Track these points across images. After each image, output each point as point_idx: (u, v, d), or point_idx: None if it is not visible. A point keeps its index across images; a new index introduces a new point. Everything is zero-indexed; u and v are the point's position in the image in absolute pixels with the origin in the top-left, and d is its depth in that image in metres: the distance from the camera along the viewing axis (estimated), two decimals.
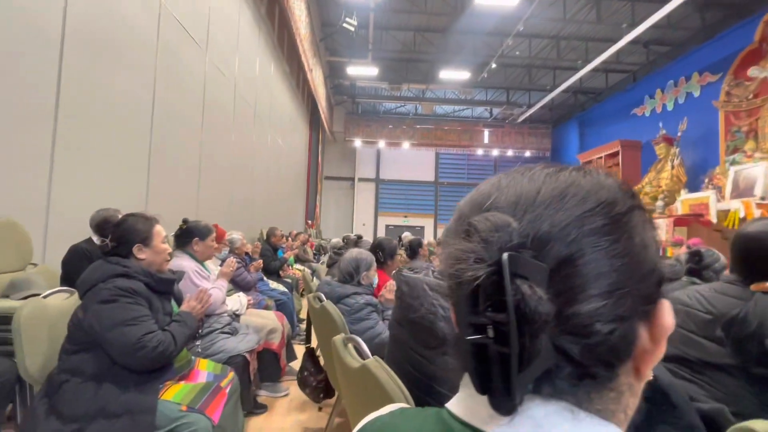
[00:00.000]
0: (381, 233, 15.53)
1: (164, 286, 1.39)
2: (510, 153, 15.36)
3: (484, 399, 0.30)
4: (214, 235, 2.35)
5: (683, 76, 8.43)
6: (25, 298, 1.83)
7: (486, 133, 15.03)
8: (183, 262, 2.04)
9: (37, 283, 1.95)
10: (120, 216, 2.38)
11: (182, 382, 1.42)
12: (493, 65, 9.72)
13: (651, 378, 0.32)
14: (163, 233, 1.45)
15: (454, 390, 1.02)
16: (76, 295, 1.40)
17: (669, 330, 0.31)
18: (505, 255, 0.28)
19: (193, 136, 4.23)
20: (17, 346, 1.29)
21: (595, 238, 0.30)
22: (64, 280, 2.11)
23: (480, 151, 15.18)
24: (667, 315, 0.31)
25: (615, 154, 9.49)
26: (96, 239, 2.24)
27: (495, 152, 15.27)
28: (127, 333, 1.21)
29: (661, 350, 0.31)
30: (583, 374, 0.30)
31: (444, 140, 14.71)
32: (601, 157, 9.80)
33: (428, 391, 0.98)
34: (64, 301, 1.49)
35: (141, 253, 1.38)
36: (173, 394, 1.33)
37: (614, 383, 0.30)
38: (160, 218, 1.49)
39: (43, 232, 2.39)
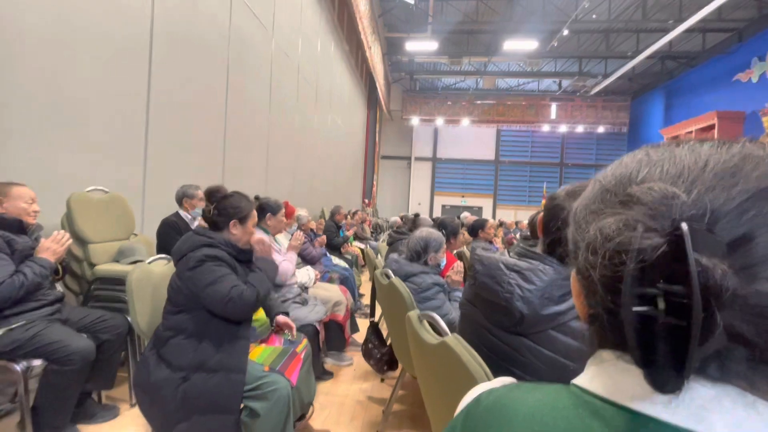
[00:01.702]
0: (437, 213, 15.39)
1: (244, 256, 1.52)
2: (580, 129, 14.16)
3: (633, 376, 0.30)
4: (284, 211, 2.47)
5: None
6: (132, 263, 2.11)
7: (553, 107, 13.96)
8: (262, 236, 2.18)
9: (140, 250, 2.23)
10: (200, 192, 2.63)
11: (263, 345, 1.56)
12: (565, 32, 8.88)
13: None
14: (255, 217, 1.60)
15: (535, 373, 0.98)
16: (172, 262, 1.57)
17: None
18: (685, 225, 0.27)
19: (262, 119, 4.45)
20: (130, 304, 1.50)
21: None
22: (159, 248, 2.39)
23: (546, 128, 14.20)
24: None
25: (709, 128, 8.31)
26: (196, 211, 2.50)
27: (563, 128, 14.18)
28: (218, 289, 1.33)
29: None
30: (760, 358, 0.28)
31: (506, 116, 14.04)
32: (690, 132, 8.66)
33: (502, 373, 0.97)
34: (164, 267, 1.69)
35: (235, 228, 1.51)
36: (257, 355, 1.46)
37: None
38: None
39: (141, 206, 2.72)
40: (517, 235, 6.65)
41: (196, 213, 2.58)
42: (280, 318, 1.68)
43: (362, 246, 6.53)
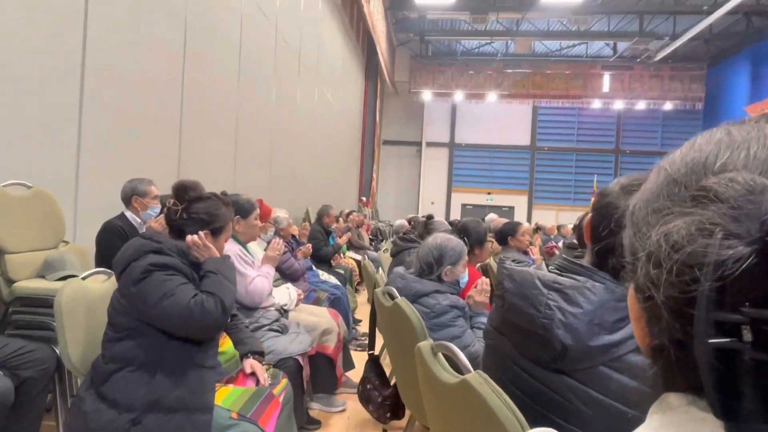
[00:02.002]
0: (455, 215, 15.50)
1: (198, 269, 1.55)
2: (641, 106, 14.18)
3: (711, 429, 0.29)
4: (257, 212, 2.49)
5: None
6: (62, 279, 2.10)
7: (606, 78, 14.00)
8: (227, 246, 2.20)
9: (72, 263, 2.22)
10: (154, 188, 2.64)
11: (231, 385, 1.57)
12: None
13: None
14: (231, 231, 1.65)
15: (581, 422, 0.98)
16: (113, 278, 1.57)
17: None
18: None
19: (229, 93, 4.48)
20: (59, 332, 1.49)
21: None
22: (99, 259, 2.40)
23: (596, 103, 14.26)
24: None
25: None
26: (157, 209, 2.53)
27: (619, 105, 14.22)
28: (174, 303, 1.37)
29: None
30: None
31: (545, 89, 14.12)
32: None
33: (539, 422, 0.97)
34: (104, 284, 1.70)
35: (206, 239, 1.56)
36: (222, 398, 1.46)
37: None
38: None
39: (73, 206, 2.72)
40: (560, 244, 6.66)
41: (148, 215, 2.59)
42: (248, 365, 1.68)
43: (358, 257, 6.57)
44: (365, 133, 12.65)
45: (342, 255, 5.98)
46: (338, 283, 4.38)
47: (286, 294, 2.72)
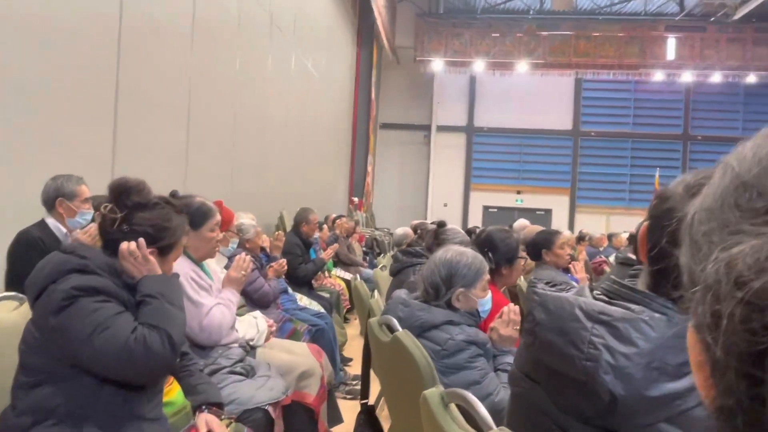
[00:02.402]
0: (475, 220, 15.57)
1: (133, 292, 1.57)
2: (716, 78, 14.25)
3: None
4: (216, 220, 2.50)
5: None
6: None
7: (671, 42, 14.09)
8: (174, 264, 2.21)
9: None
10: (85, 188, 2.64)
11: None
12: None
13: None
14: (182, 248, 1.68)
15: None
16: (27, 305, 1.58)
17: None
18: None
19: (178, 62, 4.50)
20: None
21: None
22: (10, 280, 2.41)
23: (659, 75, 14.36)
24: None
25: None
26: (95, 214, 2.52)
27: (687, 77, 14.30)
28: (106, 342, 1.37)
29: None
30: None
31: (591, 57, 14.23)
32: None
33: None
34: (14, 313, 1.70)
35: (146, 252, 1.56)
36: None
37: None
38: None
39: None
40: (611, 258, 6.68)
41: (77, 223, 2.59)
42: (203, 420, 1.68)
43: (348, 276, 6.58)
44: (357, 114, 12.69)
45: (327, 273, 5.99)
46: (322, 310, 4.38)
47: (254, 325, 2.73)
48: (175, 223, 1.63)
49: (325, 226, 6.91)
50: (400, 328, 1.77)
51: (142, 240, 1.55)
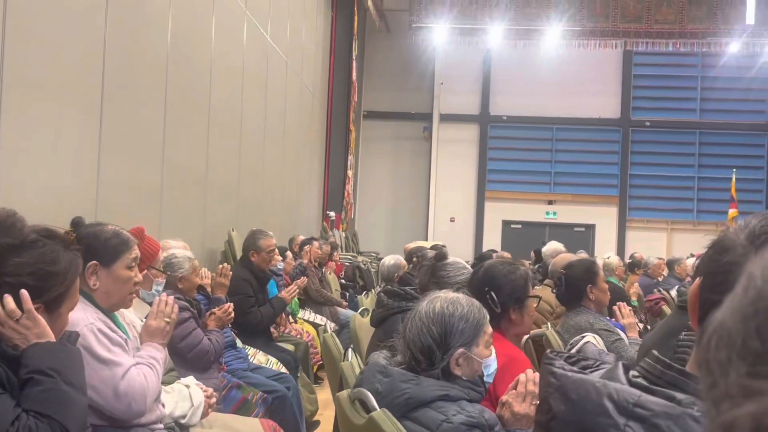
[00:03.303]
0: (492, 240, 15.63)
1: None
2: None
3: None
4: (134, 253, 2.48)
5: None
6: None
7: (750, 2, 14.13)
8: (73, 314, 2.19)
9: None
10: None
11: None
12: None
13: None
14: (77, 294, 1.72)
15: None
16: None
17: None
18: None
19: (87, 31, 4.49)
20: None
21: None
22: None
23: (734, 46, 14.46)
24: None
25: None
26: None
27: None
28: None
29: None
30: None
31: (644, 22, 14.40)
32: None
33: None
34: None
35: (32, 317, 1.56)
36: None
37: None
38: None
39: None
40: (672, 293, 6.66)
41: None
42: None
43: (320, 321, 6.52)
44: (333, 100, 12.74)
45: (291, 318, 5.95)
46: (283, 370, 4.35)
47: (186, 397, 2.70)
48: (64, 264, 1.62)
49: (288, 252, 6.87)
50: (377, 407, 1.76)
51: (25, 294, 1.54)
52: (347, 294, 8.47)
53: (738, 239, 0.96)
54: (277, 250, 5.60)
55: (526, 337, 3.20)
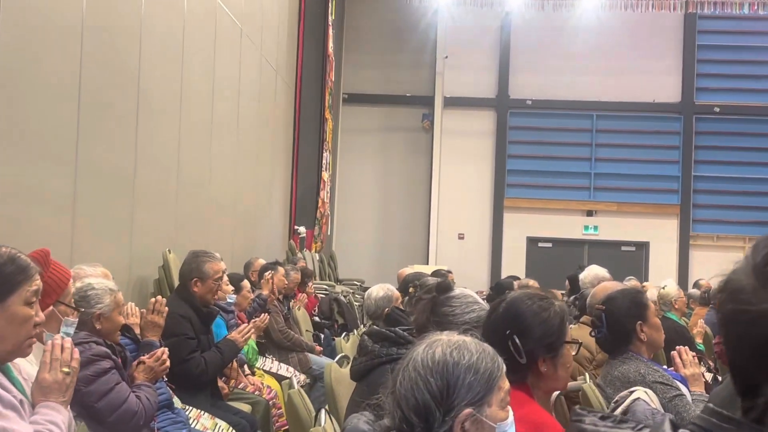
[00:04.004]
0: (513, 264, 15.76)
1: None
2: None
3: None
4: (33, 286, 2.46)
5: None
6: None
7: None
8: None
9: None
10: None
11: None
12: None
13: None
14: None
15: None
16: None
17: None
18: None
19: None
20: None
21: None
22: None
23: None
24: None
25: None
26: None
27: None
28: None
29: None
30: None
31: None
32: None
33: None
34: None
35: None
36: None
37: None
38: None
39: None
40: None
41: None
42: None
43: (286, 372, 6.44)
44: (303, 78, 12.77)
45: (246, 368, 5.91)
46: None
47: None
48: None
49: (245, 282, 6.84)
50: None
51: None
52: (322, 336, 8.45)
53: (745, 276, 1.00)
54: (226, 278, 5.55)
55: (556, 392, 3.17)
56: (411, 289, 5.76)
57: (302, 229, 12.36)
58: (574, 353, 2.82)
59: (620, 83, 15.72)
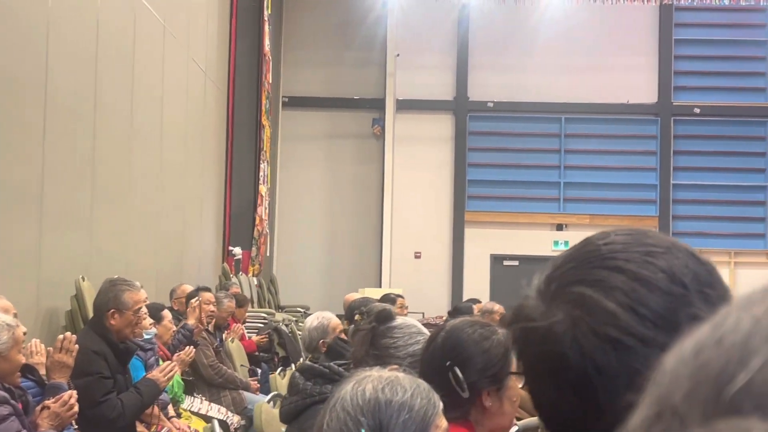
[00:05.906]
0: (476, 286, 15.94)
1: None
2: None
3: None
4: None
5: None
6: None
7: None
8: None
9: None
10: None
11: None
12: None
13: None
14: None
15: None
16: None
17: None
18: None
19: None
20: None
21: None
22: None
23: None
24: None
25: None
26: None
27: None
28: None
29: None
30: None
31: None
32: None
33: None
34: None
35: None
36: None
37: None
38: None
39: None
40: None
41: None
42: None
43: (217, 414, 6.40)
44: (236, 80, 12.80)
45: (171, 409, 5.86)
46: None
47: None
48: None
49: (165, 312, 6.78)
50: None
51: None
52: (259, 371, 8.42)
53: (533, 302, 1.09)
54: (145, 309, 5.49)
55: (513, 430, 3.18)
56: (357, 317, 5.74)
57: (237, 250, 12.37)
58: (520, 385, 2.83)
59: (591, 83, 15.90)
